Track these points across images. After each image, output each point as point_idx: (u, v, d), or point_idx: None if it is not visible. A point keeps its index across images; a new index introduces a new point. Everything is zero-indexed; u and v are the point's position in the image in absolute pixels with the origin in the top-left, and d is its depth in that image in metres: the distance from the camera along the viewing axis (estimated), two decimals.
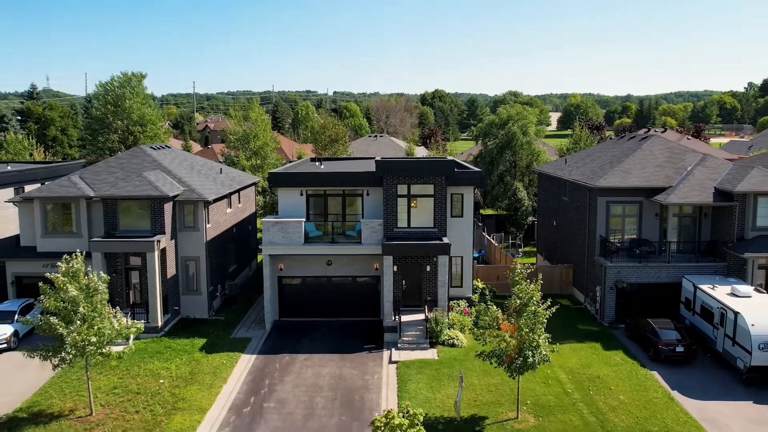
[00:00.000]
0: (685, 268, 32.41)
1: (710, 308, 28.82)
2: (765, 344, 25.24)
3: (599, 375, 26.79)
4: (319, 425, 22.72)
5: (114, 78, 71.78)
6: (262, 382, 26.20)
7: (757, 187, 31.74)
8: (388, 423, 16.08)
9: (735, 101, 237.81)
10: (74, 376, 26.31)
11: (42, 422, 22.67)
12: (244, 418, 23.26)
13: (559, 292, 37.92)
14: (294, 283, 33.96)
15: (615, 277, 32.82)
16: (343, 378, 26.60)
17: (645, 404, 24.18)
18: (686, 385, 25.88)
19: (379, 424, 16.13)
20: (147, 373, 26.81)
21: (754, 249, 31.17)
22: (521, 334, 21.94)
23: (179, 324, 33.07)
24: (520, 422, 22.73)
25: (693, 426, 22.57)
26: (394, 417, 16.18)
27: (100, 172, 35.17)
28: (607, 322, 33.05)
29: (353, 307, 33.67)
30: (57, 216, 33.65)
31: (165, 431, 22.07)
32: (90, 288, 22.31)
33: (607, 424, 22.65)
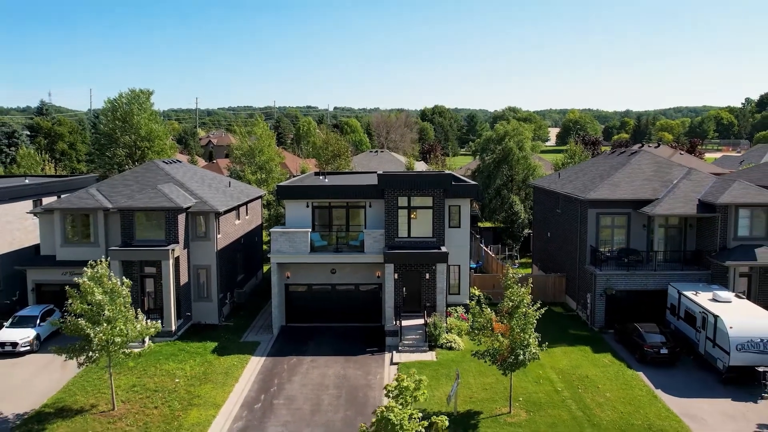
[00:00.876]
0: (671, 276, 34.22)
1: (693, 313, 30.60)
2: (742, 345, 27.00)
3: (588, 375, 28.52)
4: (325, 420, 24.42)
5: (122, 94, 74.09)
6: (272, 382, 27.93)
7: (738, 199, 33.63)
8: (398, 385, 17.95)
9: (732, 117, 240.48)
10: (94, 376, 28.04)
11: (68, 416, 24.39)
12: (256, 412, 24.98)
13: (552, 300, 39.69)
14: (300, 290, 35.74)
15: (604, 284, 34.62)
16: (347, 378, 28.33)
17: (629, 401, 25.90)
18: (669, 384, 27.59)
19: (391, 388, 17.98)
20: (163, 373, 28.55)
21: (735, 258, 33.00)
22: (513, 334, 23.72)
23: (191, 329, 34.81)
24: (513, 416, 24.44)
25: (673, 420, 24.28)
26: (404, 380, 18.10)
27: (117, 185, 37.10)
28: (597, 327, 34.80)
29: (356, 313, 35.42)
30: (76, 226, 35.52)
31: (183, 424, 23.78)
32: (114, 292, 24.13)
33: (593, 418, 24.37)
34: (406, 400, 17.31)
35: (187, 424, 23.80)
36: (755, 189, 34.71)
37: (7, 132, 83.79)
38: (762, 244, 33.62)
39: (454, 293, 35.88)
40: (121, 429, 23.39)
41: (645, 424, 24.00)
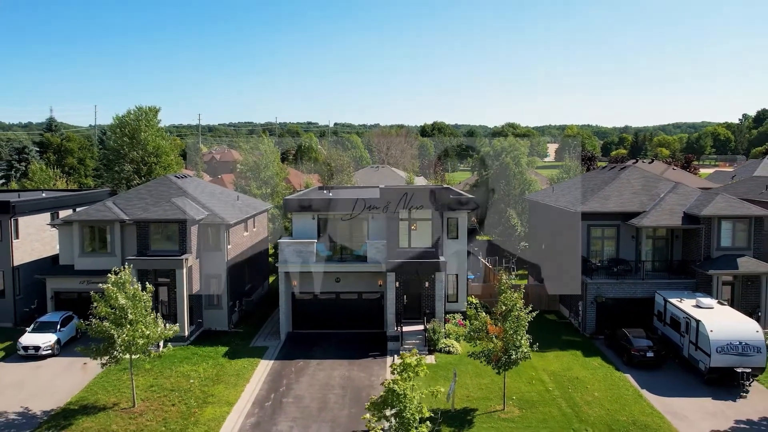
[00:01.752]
0: (658, 284, 36.07)
1: (678, 319, 32.43)
2: (722, 348, 28.81)
3: (578, 376, 30.30)
4: (332, 416, 26.19)
5: (130, 111, 76.42)
6: (280, 382, 29.72)
7: (720, 211, 35.59)
8: (402, 362, 19.81)
9: (729, 133, 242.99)
10: (114, 377, 29.84)
11: (92, 413, 26.17)
12: (267, 410, 26.75)
13: (546, 309, 41.51)
14: (306, 298, 37.57)
15: (595, 292, 36.47)
16: (351, 379, 30.11)
17: (616, 400, 27.67)
18: (654, 384, 29.37)
19: (396, 365, 19.80)
20: (178, 374, 30.34)
21: (718, 267, 34.91)
22: (506, 336, 25.57)
23: (202, 335, 36.61)
24: (506, 413, 26.21)
25: (657, 417, 26.05)
26: (407, 357, 19.95)
27: (131, 199, 39.08)
28: (588, 333, 36.60)
29: (359, 320, 37.24)
30: (93, 237, 37.43)
31: (199, 420, 25.56)
32: (136, 297, 26.01)
33: (581, 415, 26.13)
34: (409, 375, 19.16)
35: (203, 420, 25.57)
36: (737, 202, 36.71)
37: (17, 148, 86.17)
38: (744, 254, 35.58)
39: (453, 301, 37.74)
40: (142, 424, 25.17)
41: (630, 420, 25.76)
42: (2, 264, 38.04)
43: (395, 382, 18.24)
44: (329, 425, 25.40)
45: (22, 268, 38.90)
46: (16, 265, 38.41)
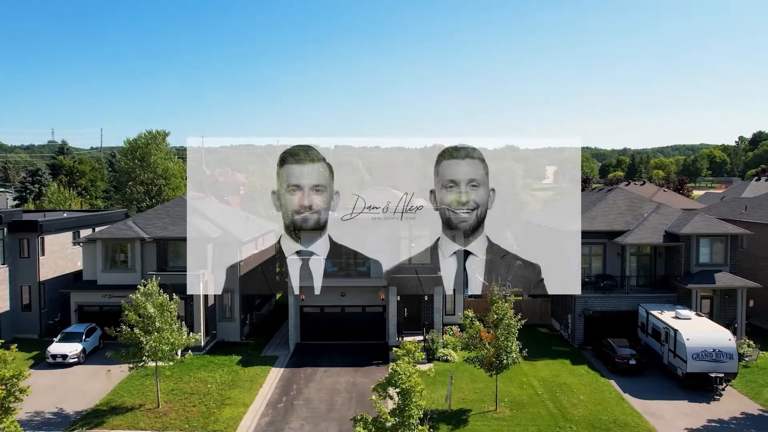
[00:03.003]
0: (642, 298, 38.73)
1: (659, 329, 35.04)
2: (698, 355, 31.39)
3: (566, 382, 32.82)
4: (339, 416, 28.70)
5: (141, 135, 79.71)
6: (291, 387, 32.25)
7: (699, 230, 38.36)
8: (404, 347, 22.37)
9: (724, 155, 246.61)
10: (137, 382, 32.38)
11: (120, 413, 28.68)
12: (279, 410, 29.27)
13: (539, 322, 44.12)
14: (313, 311, 40.17)
15: (583, 306, 39.09)
16: (356, 384, 32.62)
17: (599, 402, 30.18)
18: (636, 389, 31.87)
19: (398, 350, 22.31)
20: (197, 380, 32.87)
21: (696, 281, 37.57)
22: (498, 342, 28.18)
23: (216, 345, 39.17)
24: (498, 413, 28.72)
25: (636, 416, 28.54)
26: (407, 344, 22.52)
27: (150, 218, 41.86)
28: (577, 344, 39.14)
29: (363, 331, 39.80)
30: (116, 254, 40.14)
31: (219, 419, 28.07)
32: (163, 306, 28.68)
33: (567, 415, 28.64)
34: (409, 360, 21.75)
35: (222, 419, 28.08)
36: (714, 221, 39.52)
37: (31, 170, 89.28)
38: (721, 269, 38.26)
39: (450, 314, 40.35)
40: (167, 422, 27.68)
41: (611, 419, 28.26)
42: (30, 279, 40.72)
43: (398, 364, 20.85)
44: (337, 423, 27.92)
45: (47, 283, 41.59)
46: (42, 281, 41.10)
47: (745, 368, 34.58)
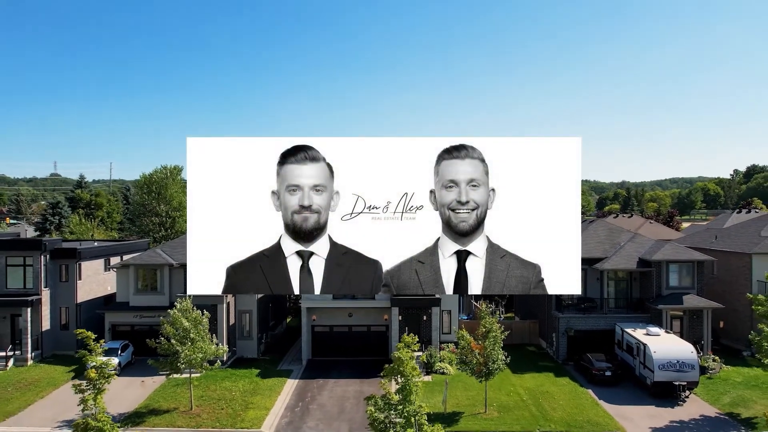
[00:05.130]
0: (618, 318, 43.15)
1: (632, 345, 39.39)
2: (663, 365, 35.70)
3: (548, 391, 37.07)
4: (348, 417, 32.97)
5: (156, 170, 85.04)
6: (306, 394, 36.53)
7: (668, 256, 42.99)
8: (404, 341, 26.64)
9: (718, 188, 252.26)
10: (170, 390, 36.67)
11: (158, 414, 32.97)
12: (296, 413, 33.55)
13: (528, 342, 48.45)
14: (324, 330, 44.57)
15: (566, 325, 43.50)
16: (363, 392, 36.74)
17: (576, 406, 34.43)
18: (610, 396, 36.10)
19: (400, 344, 26.55)
20: (222, 388, 37.16)
21: (666, 302, 42.04)
22: (486, 352, 32.61)
23: (236, 361, 43.49)
24: (487, 415, 32.98)
25: (607, 418, 32.77)
26: (406, 338, 26.81)
27: (176, 246, 46.53)
28: (561, 359, 43.44)
29: (369, 348, 44.13)
30: (146, 279, 44.73)
31: (245, 419, 32.35)
32: (196, 321, 33.20)
33: (547, 416, 32.89)
34: (407, 350, 26.10)
35: (247, 419, 32.36)
36: (682, 249, 44.19)
37: (51, 203, 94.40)
38: (689, 292, 42.76)
39: (447, 333, 44.72)
40: (200, 421, 31.97)
41: (585, 419, 32.52)
42: (68, 301, 45.28)
43: (399, 351, 25.22)
44: (347, 423, 32.19)
45: (83, 305, 46.09)
46: (78, 302, 45.61)
47: (709, 379, 38.81)
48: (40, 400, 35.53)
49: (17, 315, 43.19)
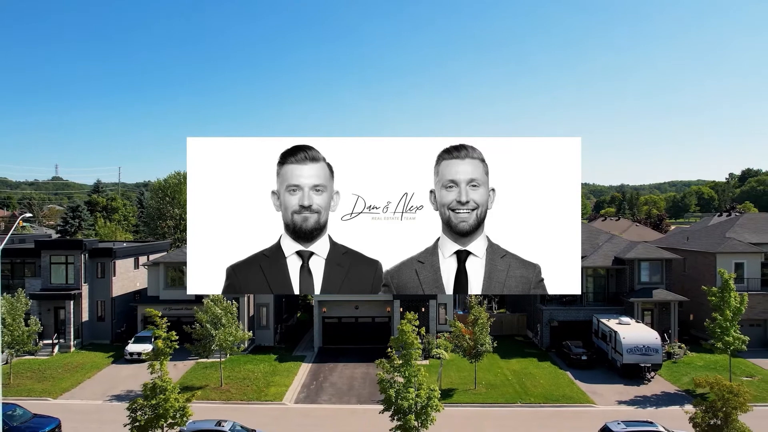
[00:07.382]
0: (596, 310, 48.39)
1: (606, 333, 44.64)
2: (631, 350, 40.92)
3: (531, 372, 42.33)
4: (357, 393, 38.24)
5: (171, 176, 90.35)
6: (319, 375, 41.81)
7: (640, 255, 48.27)
8: (406, 317, 31.65)
9: (713, 192, 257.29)
10: (200, 372, 41.95)
11: (192, 390, 38.13)
12: (312, 390, 38.84)
13: (516, 333, 53.73)
14: (333, 321, 49.83)
15: (549, 317, 48.75)
16: (369, 373, 42.12)
17: (554, 384, 39.68)
18: (585, 377, 41.35)
19: (404, 320, 31.64)
20: (245, 370, 42.43)
21: (638, 296, 47.28)
22: (475, 336, 37.91)
23: (255, 348, 48.78)
24: (476, 391, 38.27)
25: (580, 393, 38.03)
26: (408, 315, 31.84)
27: None
28: (544, 347, 48.69)
29: (373, 337, 49.29)
30: (174, 275, 50.02)
31: (267, 393, 37.62)
32: (226, 309, 38.52)
33: (528, 391, 38.15)
34: (409, 325, 31.33)
35: (270, 394, 37.65)
36: (653, 248, 49.49)
37: (72, 207, 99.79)
38: (658, 287, 48.01)
39: (443, 323, 50.00)
40: (230, 395, 37.29)
41: (561, 395, 37.77)
42: (104, 295, 50.59)
43: (402, 324, 30.48)
44: (356, 397, 37.49)
45: (117, 299, 51.41)
46: (113, 297, 50.92)
47: (674, 363, 44.07)
48: (88, 380, 40.82)
49: (60, 307, 48.51)
